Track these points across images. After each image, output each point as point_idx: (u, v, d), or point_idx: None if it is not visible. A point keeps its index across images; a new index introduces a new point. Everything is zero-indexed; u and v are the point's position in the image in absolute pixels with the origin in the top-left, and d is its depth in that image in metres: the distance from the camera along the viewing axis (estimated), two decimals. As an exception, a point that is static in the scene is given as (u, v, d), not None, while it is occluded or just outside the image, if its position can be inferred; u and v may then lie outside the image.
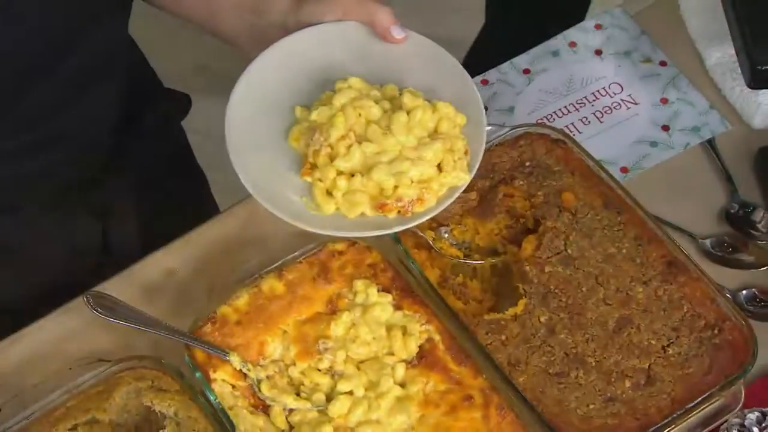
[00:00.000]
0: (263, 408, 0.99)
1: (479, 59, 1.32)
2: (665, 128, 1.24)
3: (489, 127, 1.11)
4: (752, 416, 0.97)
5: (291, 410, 0.99)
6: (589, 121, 1.25)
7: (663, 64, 1.29)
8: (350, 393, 0.98)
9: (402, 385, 0.99)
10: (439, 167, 0.96)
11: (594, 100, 1.27)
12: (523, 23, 1.32)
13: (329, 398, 0.99)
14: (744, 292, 1.10)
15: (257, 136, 0.99)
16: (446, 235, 1.09)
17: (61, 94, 1.02)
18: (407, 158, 0.94)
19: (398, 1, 2.38)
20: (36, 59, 0.97)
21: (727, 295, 1.05)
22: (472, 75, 1.02)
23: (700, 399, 0.95)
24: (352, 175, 0.95)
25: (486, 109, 1.27)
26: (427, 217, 0.95)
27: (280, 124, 1.00)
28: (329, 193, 0.96)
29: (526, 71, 1.30)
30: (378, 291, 1.03)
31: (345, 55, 1.01)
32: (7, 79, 0.97)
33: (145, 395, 0.98)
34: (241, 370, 0.99)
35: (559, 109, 1.26)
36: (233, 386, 0.99)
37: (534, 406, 0.96)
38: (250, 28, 1.03)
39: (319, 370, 1.00)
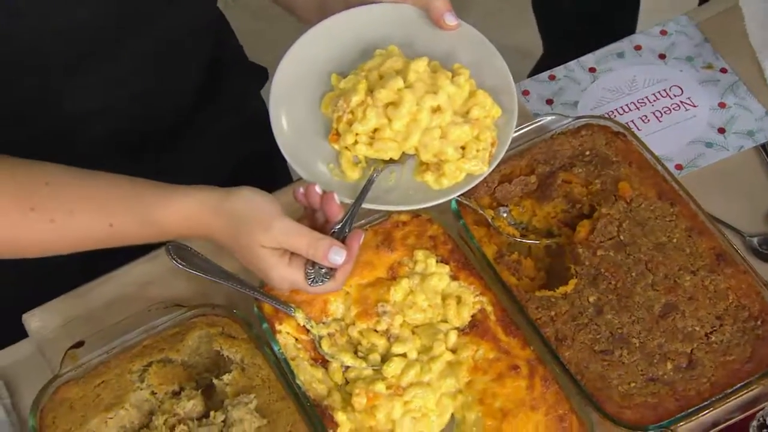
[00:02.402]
0: (322, 362, 0.96)
1: None
2: (721, 131, 1.18)
3: (551, 117, 1.08)
4: (789, 406, 0.91)
5: (348, 367, 0.96)
6: (648, 120, 1.20)
7: (723, 71, 1.23)
8: (404, 355, 0.96)
9: (453, 351, 0.96)
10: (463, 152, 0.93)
11: (654, 101, 1.22)
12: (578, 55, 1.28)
13: (384, 359, 0.96)
14: (788, 289, 1.04)
15: (299, 101, 0.96)
16: (505, 215, 1.05)
17: (159, 52, 1.01)
18: (437, 127, 0.92)
19: (476, 11, 2.34)
20: (130, 20, 0.96)
21: (772, 290, 0.99)
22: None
23: (739, 385, 0.90)
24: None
25: (551, 102, 1.23)
26: (440, 201, 0.93)
27: (322, 90, 0.97)
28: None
29: (592, 70, 1.25)
30: (437, 261, 1.00)
31: (395, 33, 0.98)
32: (103, 37, 0.95)
33: (216, 341, 0.96)
34: (304, 325, 0.96)
35: (621, 107, 1.21)
36: (296, 339, 0.97)
37: (578, 379, 0.91)
38: (319, 4, 1.01)
39: (377, 331, 0.98)
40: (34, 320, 1.03)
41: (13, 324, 1.04)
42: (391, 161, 0.94)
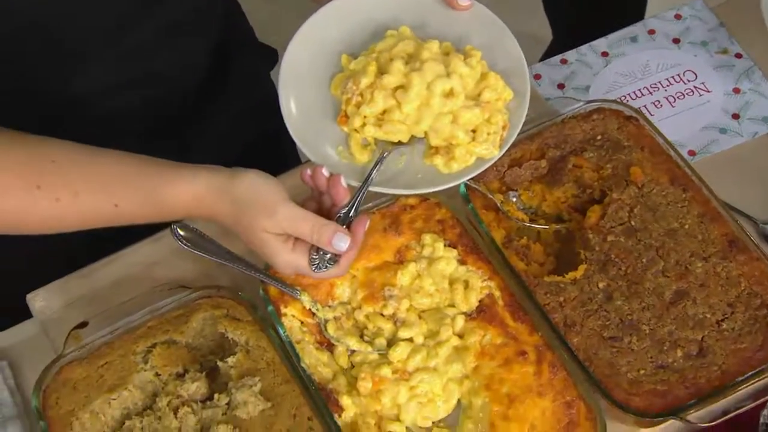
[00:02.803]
0: (328, 345, 0.95)
1: None
2: (735, 116, 1.16)
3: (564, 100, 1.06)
4: (801, 395, 0.90)
5: (353, 351, 0.95)
6: (661, 105, 1.18)
7: (738, 56, 1.21)
8: (410, 340, 0.94)
9: (460, 336, 0.95)
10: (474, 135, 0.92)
11: (668, 86, 1.20)
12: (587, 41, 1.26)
13: (390, 343, 0.95)
14: (802, 277, 1.02)
15: (309, 83, 0.95)
16: (514, 199, 1.04)
17: (160, 35, 1.00)
18: (449, 112, 0.91)
19: (490, -1, 2.33)
20: (135, 3, 0.95)
21: (785, 278, 0.97)
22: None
23: (750, 374, 0.89)
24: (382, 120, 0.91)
25: (563, 86, 1.21)
26: (450, 185, 0.92)
27: (332, 72, 0.96)
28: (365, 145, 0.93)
29: (605, 54, 1.23)
30: (445, 245, 0.99)
31: (407, 14, 0.97)
32: (110, 18, 0.94)
33: (220, 323, 0.95)
34: (310, 309, 0.95)
35: (633, 92, 1.19)
36: (302, 322, 0.96)
37: (586, 366, 0.90)
38: None
39: (383, 315, 0.96)
40: (38, 300, 1.02)
41: (18, 304, 1.04)
42: (400, 143, 0.93)
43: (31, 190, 0.84)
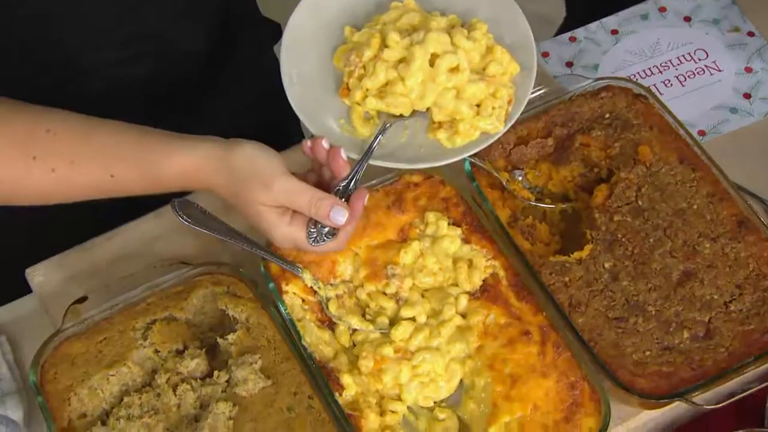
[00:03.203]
0: (329, 324, 0.94)
1: None
2: (747, 96, 1.15)
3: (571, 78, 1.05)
4: (809, 378, 0.88)
5: (355, 329, 0.94)
6: (671, 84, 1.16)
7: (750, 34, 1.19)
8: (413, 319, 0.93)
9: (463, 315, 0.94)
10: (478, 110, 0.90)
11: (678, 64, 1.18)
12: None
13: (392, 322, 0.94)
14: (811, 260, 1.00)
15: (311, 54, 0.94)
16: (520, 178, 1.03)
17: (162, 16, 0.99)
18: (452, 88, 0.89)
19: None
20: None
21: (795, 260, 0.96)
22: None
23: (757, 355, 0.87)
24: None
25: (571, 64, 1.19)
26: (453, 160, 0.90)
27: (335, 43, 0.95)
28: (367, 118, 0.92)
29: (614, 32, 1.21)
30: (448, 224, 0.97)
31: None
32: (111, 12, 0.95)
33: (221, 299, 0.94)
34: (311, 286, 0.94)
35: (643, 70, 1.18)
36: (303, 300, 0.95)
37: (590, 346, 0.89)
38: None
39: (385, 294, 0.95)
40: (37, 275, 1.02)
41: (17, 279, 1.03)
42: (402, 116, 0.92)
43: (27, 160, 0.83)
